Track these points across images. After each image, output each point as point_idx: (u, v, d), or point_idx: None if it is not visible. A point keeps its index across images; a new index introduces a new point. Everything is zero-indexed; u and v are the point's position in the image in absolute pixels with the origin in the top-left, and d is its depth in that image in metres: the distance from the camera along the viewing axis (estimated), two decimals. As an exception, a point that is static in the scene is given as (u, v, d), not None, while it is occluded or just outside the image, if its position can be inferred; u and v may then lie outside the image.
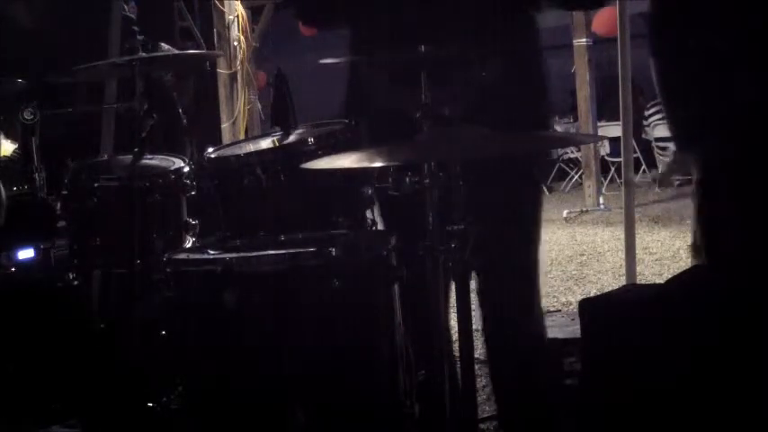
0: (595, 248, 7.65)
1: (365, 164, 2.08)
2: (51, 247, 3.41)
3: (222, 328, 2.20)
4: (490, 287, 2.69)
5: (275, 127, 2.89)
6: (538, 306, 2.82)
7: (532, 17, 2.70)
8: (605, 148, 10.41)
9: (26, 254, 3.45)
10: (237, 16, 8.40)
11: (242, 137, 7.99)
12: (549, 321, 4.57)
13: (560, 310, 5.25)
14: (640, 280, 5.41)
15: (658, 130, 11.19)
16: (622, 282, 5.38)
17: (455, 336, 2.24)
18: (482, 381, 3.69)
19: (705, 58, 2.66)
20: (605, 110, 10.56)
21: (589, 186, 10.49)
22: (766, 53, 2.56)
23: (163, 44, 3.94)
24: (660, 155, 11.57)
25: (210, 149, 2.91)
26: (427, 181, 2.08)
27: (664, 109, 2.89)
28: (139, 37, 3.12)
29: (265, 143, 2.89)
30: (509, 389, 2.83)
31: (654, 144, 11.60)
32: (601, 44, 10.04)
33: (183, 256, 2.47)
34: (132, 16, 3.35)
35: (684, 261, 6.64)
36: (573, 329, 3.84)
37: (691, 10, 2.69)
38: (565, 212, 9.71)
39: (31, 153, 3.64)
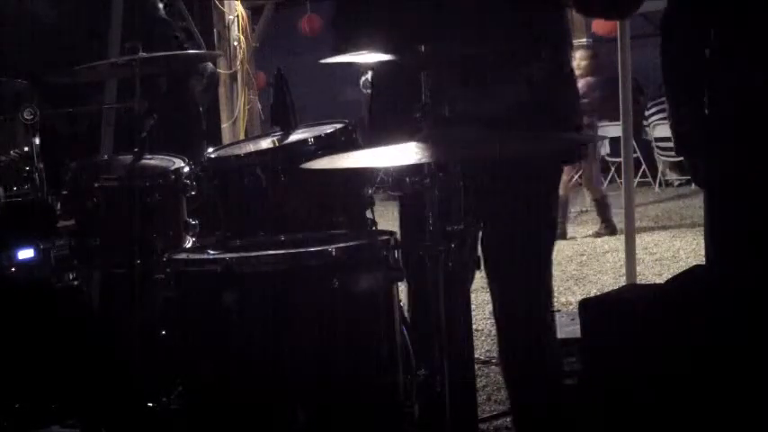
0: (595, 248, 7.65)
1: (365, 164, 2.07)
2: (51, 247, 3.40)
3: (222, 327, 2.20)
4: (502, 285, 2.71)
5: (275, 127, 2.89)
6: (547, 305, 2.83)
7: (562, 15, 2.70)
8: (605, 148, 10.42)
9: (26, 254, 3.43)
10: (237, 16, 8.41)
11: (242, 137, 7.99)
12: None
13: (560, 310, 5.25)
14: (640, 280, 5.41)
15: (658, 130, 11.20)
16: (622, 282, 5.38)
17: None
18: (482, 381, 3.70)
19: (714, 58, 2.66)
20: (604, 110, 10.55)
21: (589, 186, 10.47)
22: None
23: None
24: (660, 155, 11.57)
25: (210, 149, 2.91)
26: (427, 181, 2.08)
27: (669, 110, 2.88)
28: (186, 44, 3.12)
29: (265, 143, 2.89)
30: (519, 387, 2.84)
31: (654, 144, 11.60)
32: (601, 44, 10.03)
33: (183, 256, 2.46)
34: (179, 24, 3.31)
35: (684, 261, 6.64)
36: (573, 329, 3.84)
37: (702, 10, 2.70)
38: (565, 212, 9.70)
39: (31, 153, 3.63)
